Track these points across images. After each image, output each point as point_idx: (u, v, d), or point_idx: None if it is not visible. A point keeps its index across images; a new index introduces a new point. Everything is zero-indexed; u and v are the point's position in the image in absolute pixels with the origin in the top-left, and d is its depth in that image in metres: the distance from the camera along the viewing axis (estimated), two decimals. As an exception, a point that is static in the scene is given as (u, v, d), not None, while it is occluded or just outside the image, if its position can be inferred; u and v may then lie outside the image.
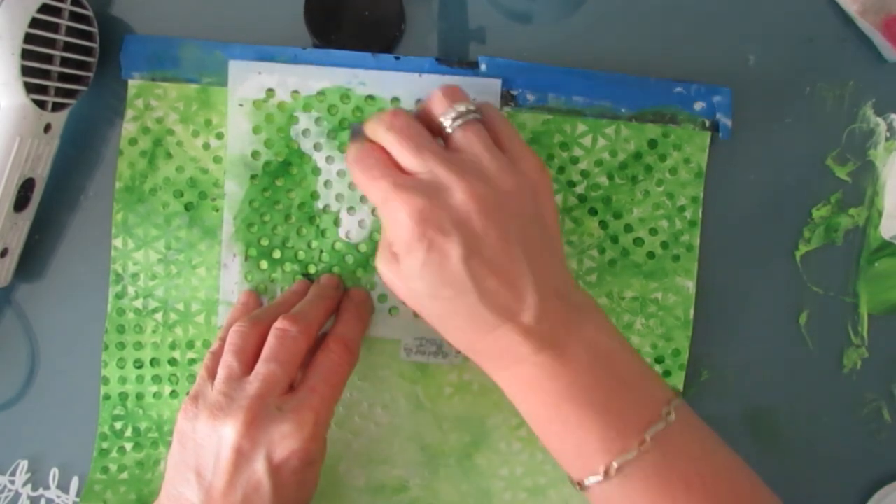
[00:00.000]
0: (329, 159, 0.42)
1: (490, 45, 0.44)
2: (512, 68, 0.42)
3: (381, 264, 0.34)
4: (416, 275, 0.32)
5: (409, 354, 0.42)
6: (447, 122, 0.34)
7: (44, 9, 0.37)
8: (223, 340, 0.37)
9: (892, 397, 0.44)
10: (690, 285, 0.43)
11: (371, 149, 0.34)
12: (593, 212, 0.43)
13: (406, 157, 0.33)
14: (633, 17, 0.44)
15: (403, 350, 0.42)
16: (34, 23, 0.37)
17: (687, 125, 0.43)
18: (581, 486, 0.33)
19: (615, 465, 0.32)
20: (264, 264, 0.42)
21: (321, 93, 0.42)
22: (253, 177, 0.42)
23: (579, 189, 0.43)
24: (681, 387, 0.43)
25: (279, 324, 0.36)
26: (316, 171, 0.42)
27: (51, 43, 0.39)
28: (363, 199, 0.42)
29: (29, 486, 0.44)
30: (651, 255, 0.43)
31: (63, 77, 0.40)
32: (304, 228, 0.42)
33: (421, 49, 0.43)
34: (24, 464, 0.44)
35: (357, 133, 0.36)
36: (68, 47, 0.40)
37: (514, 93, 0.42)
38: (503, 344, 0.32)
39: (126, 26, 0.43)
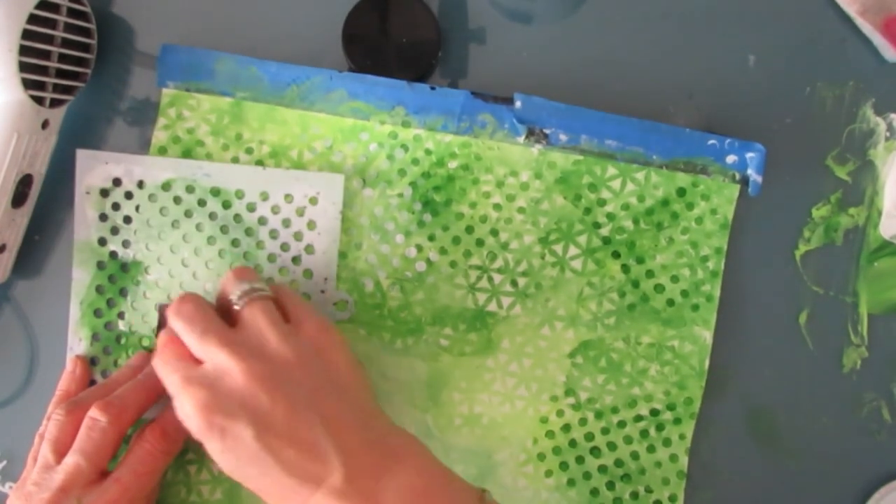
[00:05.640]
0: (173, 248, 0.42)
1: (490, 45, 0.44)
2: (547, 108, 0.42)
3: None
4: (219, 460, 0.33)
5: None
6: (234, 299, 0.36)
7: (42, 5, 0.37)
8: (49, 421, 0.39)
9: (892, 397, 0.44)
10: (708, 336, 0.43)
11: (169, 340, 0.36)
12: (616, 255, 0.43)
13: (192, 344, 0.35)
14: (632, 18, 0.44)
15: None
16: (32, 19, 0.36)
17: (717, 177, 0.43)
18: None
19: None
20: (110, 349, 0.43)
21: (166, 183, 0.42)
22: (99, 263, 0.42)
23: (604, 231, 0.43)
24: (690, 435, 0.43)
25: (91, 412, 0.37)
26: (161, 260, 0.42)
27: (49, 39, 0.38)
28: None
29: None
30: (671, 302, 0.43)
31: (61, 73, 0.40)
32: (147, 316, 0.43)
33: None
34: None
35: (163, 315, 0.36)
36: (66, 44, 0.40)
37: (547, 131, 0.42)
38: None
39: (125, 24, 0.43)
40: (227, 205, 0.42)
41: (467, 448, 0.43)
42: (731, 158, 0.43)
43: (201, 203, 0.42)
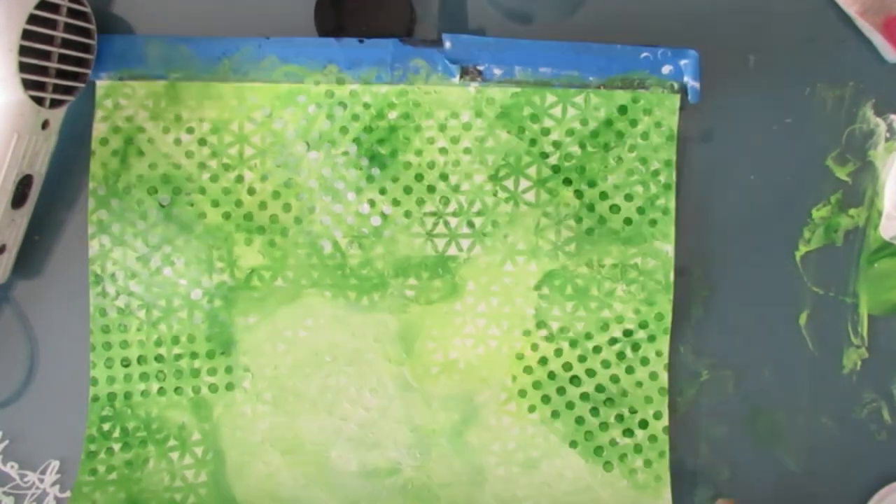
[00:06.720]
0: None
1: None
2: (477, 44, 0.42)
3: None
4: None
5: None
6: None
7: (42, 5, 0.37)
8: None
9: (892, 398, 0.44)
10: (669, 249, 0.43)
11: None
12: (568, 182, 0.43)
13: None
14: (632, 19, 0.44)
15: None
16: (32, 19, 0.36)
17: (656, 89, 0.42)
18: None
19: None
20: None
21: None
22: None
23: (552, 160, 0.43)
24: (666, 351, 0.43)
25: None
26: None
27: (49, 39, 0.38)
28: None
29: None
30: (628, 221, 0.43)
31: (61, 74, 0.40)
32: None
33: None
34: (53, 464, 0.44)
35: None
36: (66, 44, 0.40)
37: (481, 68, 0.42)
38: None
39: (125, 23, 0.43)
40: None
41: (448, 395, 0.43)
42: (666, 69, 0.42)
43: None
